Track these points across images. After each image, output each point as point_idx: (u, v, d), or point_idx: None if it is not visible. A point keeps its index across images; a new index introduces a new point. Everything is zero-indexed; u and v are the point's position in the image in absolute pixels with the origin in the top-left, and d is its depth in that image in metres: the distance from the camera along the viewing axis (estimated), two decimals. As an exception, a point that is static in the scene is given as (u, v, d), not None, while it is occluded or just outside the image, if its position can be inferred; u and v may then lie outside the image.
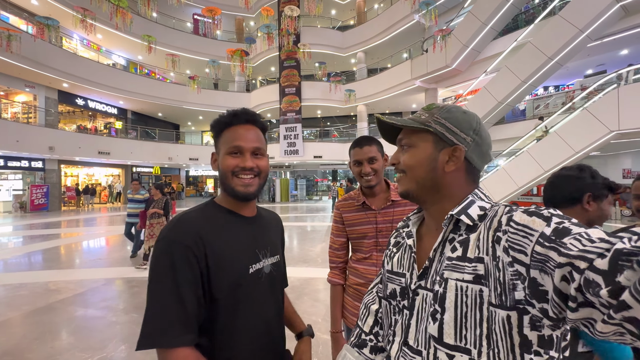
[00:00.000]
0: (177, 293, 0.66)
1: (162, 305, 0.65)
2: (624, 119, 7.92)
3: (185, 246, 0.68)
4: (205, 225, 0.74)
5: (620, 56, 11.11)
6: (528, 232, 0.45)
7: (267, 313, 0.81)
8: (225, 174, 0.79)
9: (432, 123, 0.59)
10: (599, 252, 0.36)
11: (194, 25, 19.44)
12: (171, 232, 0.70)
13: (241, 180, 0.78)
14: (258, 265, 0.80)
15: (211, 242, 0.72)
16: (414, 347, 0.56)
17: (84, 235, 8.26)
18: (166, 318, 0.65)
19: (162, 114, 21.08)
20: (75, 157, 14.91)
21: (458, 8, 13.71)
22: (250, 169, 0.79)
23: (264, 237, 0.85)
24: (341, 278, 1.36)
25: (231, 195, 0.80)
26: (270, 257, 0.85)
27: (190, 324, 0.67)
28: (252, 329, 0.77)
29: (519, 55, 10.48)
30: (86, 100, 16.88)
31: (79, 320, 3.08)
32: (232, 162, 0.78)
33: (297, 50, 16.49)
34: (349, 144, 8.59)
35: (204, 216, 0.77)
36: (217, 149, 0.82)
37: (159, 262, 0.68)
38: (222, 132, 0.81)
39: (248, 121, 0.81)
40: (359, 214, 1.30)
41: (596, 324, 0.36)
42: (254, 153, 0.80)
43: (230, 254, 0.74)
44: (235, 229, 0.79)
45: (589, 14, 8.71)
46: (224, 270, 0.72)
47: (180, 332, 0.65)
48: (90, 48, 17.29)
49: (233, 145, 0.78)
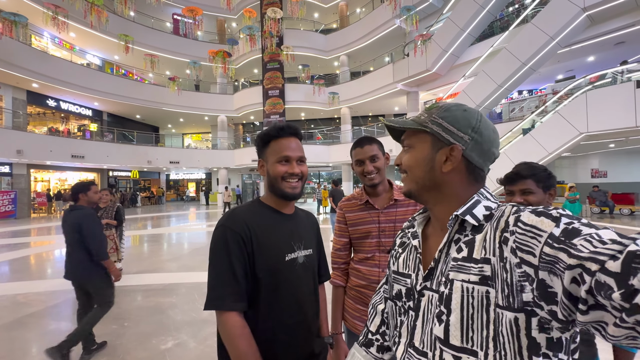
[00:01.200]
0: (231, 269, 0.84)
1: (220, 278, 0.84)
2: (592, 121, 8.39)
3: (236, 232, 0.86)
4: (252, 217, 0.92)
5: (588, 62, 11.80)
6: (536, 232, 0.44)
7: (301, 295, 0.96)
8: (275, 179, 0.95)
9: (429, 123, 0.59)
10: (611, 254, 0.35)
11: (174, 25, 18.99)
12: (227, 221, 0.89)
13: (289, 183, 0.95)
14: (293, 255, 0.96)
15: (256, 231, 0.89)
16: (420, 349, 0.56)
17: (56, 243, 7.81)
18: (221, 287, 0.83)
19: (140, 115, 20.39)
20: (46, 161, 14.13)
21: (437, 14, 14.13)
22: (297, 174, 0.96)
23: (299, 232, 1.01)
24: (343, 280, 1.36)
25: (280, 196, 0.97)
26: (303, 250, 1.00)
27: (241, 294, 0.85)
28: (288, 306, 0.92)
29: (495, 61, 10.92)
30: (58, 101, 16.08)
31: (52, 334, 2.90)
32: (282, 168, 0.95)
33: (280, 53, 16.43)
34: (333, 146, 8.77)
35: (252, 211, 0.95)
36: (264, 157, 0.99)
37: (217, 244, 0.86)
38: (269, 143, 0.97)
39: (292, 134, 0.98)
40: (362, 213, 1.30)
41: (607, 327, 0.35)
42: (299, 161, 0.98)
43: (270, 243, 0.91)
44: (275, 224, 0.96)
45: (559, 22, 9.21)
46: (264, 255, 0.89)
47: (234, 300, 0.83)
48: (63, 47, 16.50)
49: (283, 155, 0.95)
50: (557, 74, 13.34)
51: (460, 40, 12.26)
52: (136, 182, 22.68)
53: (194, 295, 3.91)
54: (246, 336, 0.83)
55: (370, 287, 1.24)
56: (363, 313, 1.25)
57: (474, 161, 0.57)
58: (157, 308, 3.49)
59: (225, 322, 0.82)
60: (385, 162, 1.32)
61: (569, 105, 8.95)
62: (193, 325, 3.05)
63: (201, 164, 20.01)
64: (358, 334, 1.25)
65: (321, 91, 17.77)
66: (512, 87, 11.06)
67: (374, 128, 19.07)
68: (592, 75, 9.67)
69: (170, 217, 13.97)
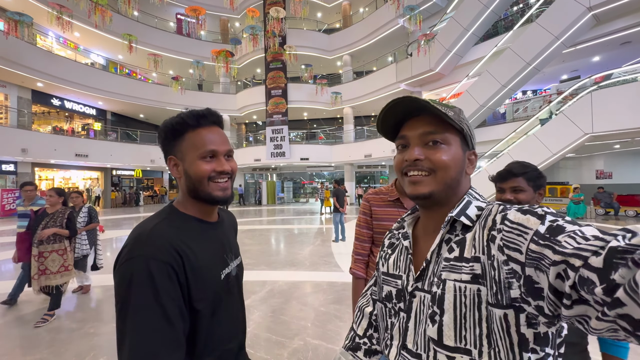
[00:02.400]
0: (164, 314, 0.62)
1: (148, 327, 0.60)
2: (597, 122, 8.31)
3: (164, 262, 0.64)
4: (178, 237, 0.70)
5: (593, 62, 11.68)
6: (522, 230, 0.45)
7: (237, 313, 0.84)
8: (199, 180, 0.74)
9: (463, 122, 0.58)
10: (593, 250, 0.36)
11: (177, 25, 19.05)
12: (146, 249, 0.64)
13: (218, 184, 0.76)
14: (227, 270, 0.80)
15: (187, 254, 0.69)
16: (413, 351, 0.55)
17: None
18: (156, 342, 0.60)
19: (143, 115, 20.50)
20: (50, 159, 14.24)
21: (441, 13, 14.07)
22: (227, 172, 0.77)
23: (228, 241, 0.85)
24: (364, 271, 1.35)
25: (208, 201, 0.76)
26: (235, 260, 0.86)
27: (179, 341, 0.64)
28: (229, 330, 0.79)
29: (499, 61, 10.84)
30: (62, 100, 16.20)
31: (53, 332, 2.91)
32: (207, 167, 0.74)
33: (283, 52, 16.43)
34: (335, 146, 8.78)
35: (175, 227, 0.72)
36: (179, 153, 0.76)
37: (136, 283, 0.61)
38: (183, 135, 0.76)
39: (215, 123, 0.79)
40: (390, 210, 1.30)
41: (590, 320, 0.36)
42: (227, 155, 0.79)
43: (206, 264, 0.73)
44: (205, 238, 0.77)
45: (564, 22, 9.12)
46: (201, 282, 0.70)
47: (171, 350, 0.61)
48: (67, 46, 16.62)
49: (207, 150, 0.74)
50: (562, 74, 13.22)
51: (464, 40, 12.19)
52: (139, 181, 22.80)
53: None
54: None
55: None
56: None
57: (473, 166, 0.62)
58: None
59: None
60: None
61: (574, 106, 8.86)
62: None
63: (204, 164, 20.05)
64: None
65: (324, 91, 17.76)
66: (516, 87, 10.97)
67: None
68: (597, 76, 9.57)
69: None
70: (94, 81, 15.53)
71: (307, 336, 2.74)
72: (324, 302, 3.57)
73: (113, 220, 12.22)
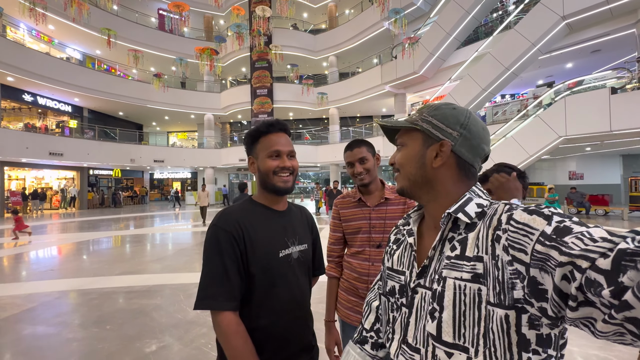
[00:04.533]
0: (223, 268, 0.84)
1: (213, 277, 0.84)
2: (570, 125, 8.74)
3: (227, 231, 0.87)
4: (244, 216, 0.92)
5: (566, 69, 12.29)
6: (528, 230, 0.45)
7: (296, 291, 0.97)
8: (267, 174, 0.95)
9: (419, 121, 0.61)
10: (601, 252, 0.36)
11: (160, 21, 18.56)
12: (219, 221, 0.89)
13: (281, 177, 0.95)
14: (287, 251, 0.96)
15: (248, 229, 0.89)
16: (413, 345, 0.56)
17: (31, 244, 7.48)
18: (216, 287, 0.83)
19: (123, 112, 19.80)
20: (21, 158, 13.51)
21: (424, 18, 14.39)
22: (288, 168, 0.96)
23: (293, 228, 1.01)
24: (336, 271, 1.46)
25: (272, 191, 0.97)
26: (298, 245, 1.00)
27: (234, 292, 0.85)
28: (284, 302, 0.93)
29: (479, 65, 11.21)
30: (35, 96, 15.41)
31: (28, 339, 2.77)
32: (273, 163, 0.95)
33: (269, 52, 16.31)
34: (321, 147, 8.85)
35: (244, 209, 0.95)
36: (255, 154, 0.98)
37: (209, 244, 0.87)
38: (258, 140, 0.97)
39: (281, 129, 0.98)
40: (355, 210, 1.39)
41: (596, 323, 0.36)
42: (289, 155, 0.98)
43: (263, 240, 0.91)
44: (267, 221, 0.96)
45: (540, 29, 9.55)
46: (257, 253, 0.89)
47: (227, 299, 0.83)
48: (41, 39, 15.84)
49: (273, 150, 0.95)
50: (538, 79, 13.83)
51: (446, 44, 12.52)
52: (118, 181, 22.00)
53: (180, 296, 3.82)
54: (241, 334, 0.83)
55: (361, 279, 1.33)
56: (354, 304, 1.34)
57: (464, 157, 0.58)
58: (140, 310, 3.39)
59: (219, 322, 0.82)
60: (376, 163, 1.40)
61: (549, 110, 9.29)
62: (179, 327, 2.98)
63: (187, 163, 19.61)
64: (350, 323, 1.34)
65: (310, 91, 17.76)
66: (496, 91, 11.38)
67: (362, 129, 19.22)
68: (570, 81, 10.08)
69: (154, 217, 13.62)
70: (69, 76, 14.86)
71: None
72: (312, 301, 3.57)
73: (89, 222, 11.74)
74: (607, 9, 8.56)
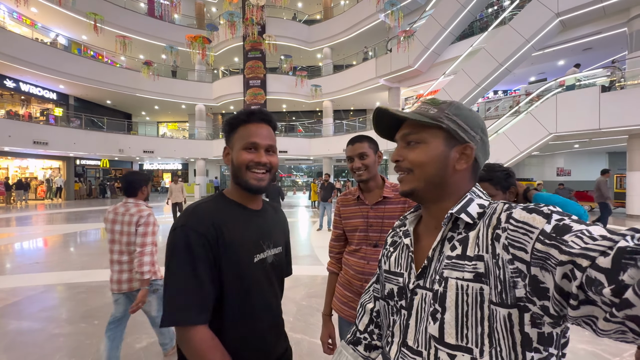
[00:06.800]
0: (194, 276, 0.73)
1: (181, 287, 0.72)
2: (560, 122, 8.87)
3: (200, 233, 0.75)
4: (217, 215, 0.80)
5: (558, 66, 12.42)
6: (528, 229, 0.45)
7: (271, 299, 0.89)
8: (239, 168, 0.84)
9: (443, 119, 0.57)
10: (601, 250, 0.36)
11: (149, 7, 17.94)
12: (188, 220, 0.76)
13: (254, 174, 0.84)
14: (262, 255, 0.86)
15: (223, 231, 0.78)
16: (414, 348, 0.55)
17: (15, 236, 7.27)
18: (185, 298, 0.71)
19: (111, 101, 19.26)
20: (4, 147, 13.06)
21: (420, 11, 14.29)
22: (264, 164, 0.84)
23: (268, 230, 0.91)
24: (335, 267, 1.47)
25: (244, 188, 0.85)
26: (273, 249, 0.91)
27: (205, 304, 0.74)
28: (258, 310, 0.84)
29: (474, 60, 11.23)
30: (17, 82, 14.84)
31: (12, 334, 2.69)
32: (247, 157, 0.83)
33: (262, 41, 15.99)
34: (314, 140, 8.80)
35: (217, 207, 0.83)
36: (231, 144, 0.87)
37: (178, 247, 0.74)
38: (237, 129, 0.86)
39: (263, 120, 0.86)
40: (354, 208, 1.38)
41: (598, 321, 0.36)
42: (267, 150, 0.86)
43: (239, 244, 0.81)
44: (243, 221, 0.85)
45: (534, 26, 9.59)
46: (232, 258, 0.79)
47: (197, 312, 0.72)
48: (23, 23, 15.16)
49: (249, 142, 0.83)
50: (530, 75, 13.96)
51: (441, 39, 12.48)
52: (106, 172, 21.53)
53: (171, 290, 3.76)
54: (218, 347, 0.74)
55: (357, 277, 1.33)
56: (349, 299, 1.35)
57: (479, 160, 0.59)
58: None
59: (191, 338, 0.71)
60: (377, 160, 1.36)
61: (540, 107, 9.40)
62: (170, 321, 2.94)
63: (177, 154, 19.29)
64: (344, 317, 1.36)
65: (303, 83, 17.56)
66: (489, 86, 11.45)
67: (356, 122, 19.17)
68: (562, 78, 10.19)
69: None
70: (53, 62, 14.32)
71: (290, 330, 2.73)
72: (305, 295, 3.57)
73: (76, 213, 11.47)
74: (601, 7, 8.63)
